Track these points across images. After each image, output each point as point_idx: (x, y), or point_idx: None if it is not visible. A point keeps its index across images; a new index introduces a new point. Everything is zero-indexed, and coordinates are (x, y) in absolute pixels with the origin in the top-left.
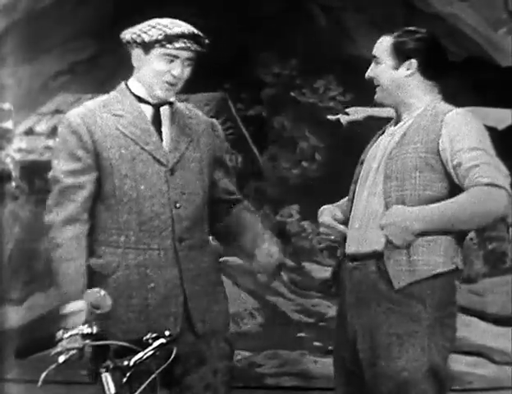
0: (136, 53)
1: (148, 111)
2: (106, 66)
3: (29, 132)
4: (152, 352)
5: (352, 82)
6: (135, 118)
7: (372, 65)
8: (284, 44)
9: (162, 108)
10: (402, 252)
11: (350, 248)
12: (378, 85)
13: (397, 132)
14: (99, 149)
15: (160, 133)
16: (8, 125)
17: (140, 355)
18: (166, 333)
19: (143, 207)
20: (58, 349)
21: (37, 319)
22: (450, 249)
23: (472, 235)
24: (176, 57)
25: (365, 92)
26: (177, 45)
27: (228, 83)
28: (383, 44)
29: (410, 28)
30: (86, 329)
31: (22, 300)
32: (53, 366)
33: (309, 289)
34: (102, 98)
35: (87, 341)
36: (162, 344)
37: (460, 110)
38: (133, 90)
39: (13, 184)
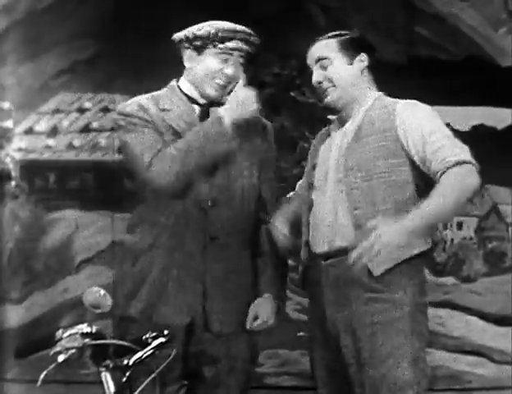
0: (188, 54)
1: (196, 110)
2: (106, 66)
3: (30, 131)
4: (151, 351)
5: None
6: (183, 112)
7: (317, 70)
8: (283, 44)
9: (211, 109)
10: None
11: (321, 247)
12: (330, 87)
13: (349, 130)
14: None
15: None
16: (8, 124)
17: (140, 354)
18: (166, 332)
19: (185, 195)
20: (58, 348)
21: (36, 319)
22: None
23: (471, 234)
24: (229, 56)
25: None
26: (230, 45)
27: None
28: (328, 45)
29: (339, 31)
30: (85, 328)
31: (22, 299)
32: (53, 365)
33: None
34: (153, 94)
35: (86, 341)
36: (161, 343)
37: (408, 100)
38: (183, 89)
39: (13, 183)
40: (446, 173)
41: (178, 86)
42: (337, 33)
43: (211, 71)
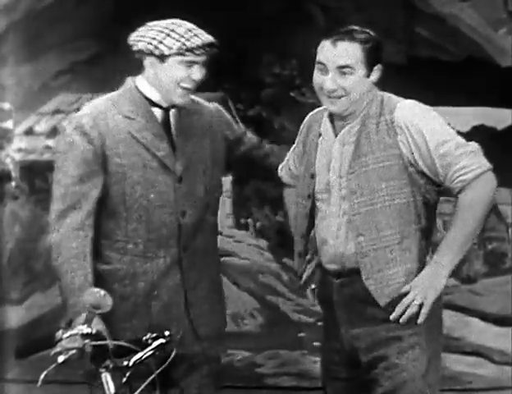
0: (150, 61)
1: (158, 114)
2: (106, 66)
3: (29, 132)
4: (151, 352)
5: None
6: (147, 122)
7: (336, 75)
8: (284, 45)
9: (171, 111)
10: (381, 268)
11: (331, 265)
12: (340, 96)
13: (348, 141)
14: (110, 154)
15: (170, 138)
16: (8, 125)
17: (140, 355)
18: (166, 333)
19: (152, 216)
20: (58, 349)
21: (37, 319)
22: (421, 252)
23: None
24: (195, 62)
25: None
26: (197, 52)
27: (228, 83)
28: (352, 53)
29: (359, 29)
30: (86, 329)
31: (22, 300)
32: (53, 366)
33: None
34: (111, 97)
35: (86, 341)
36: (161, 344)
37: (406, 104)
38: (144, 93)
39: (13, 184)
40: (464, 192)
41: (137, 88)
42: (360, 31)
43: (178, 79)
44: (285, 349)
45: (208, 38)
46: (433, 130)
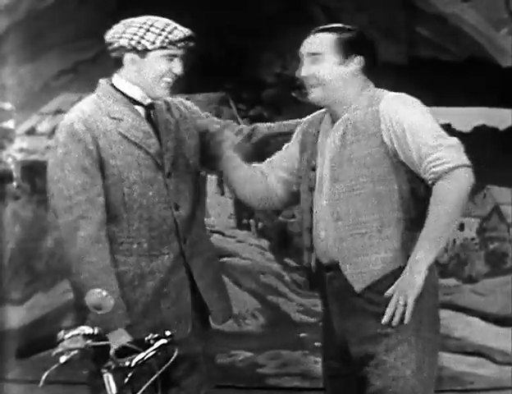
0: (130, 57)
1: (141, 112)
2: (108, 66)
3: (31, 132)
4: (153, 352)
5: None
6: (134, 121)
7: (308, 63)
8: (284, 45)
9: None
10: (358, 253)
11: (322, 258)
12: (315, 85)
13: (337, 132)
14: (104, 157)
15: (156, 134)
16: (9, 125)
17: (142, 355)
18: (168, 334)
19: (152, 213)
20: (59, 349)
21: (38, 319)
22: (405, 242)
23: (473, 235)
24: (175, 56)
25: None
26: (178, 45)
27: (229, 83)
28: (323, 41)
29: (341, 25)
30: (87, 329)
31: (23, 300)
32: (55, 366)
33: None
34: (93, 100)
35: (88, 342)
36: (163, 344)
37: (393, 95)
38: (124, 91)
39: (14, 184)
40: (437, 185)
41: (113, 86)
42: (336, 27)
43: (160, 73)
44: (287, 349)
45: (187, 31)
46: (413, 121)
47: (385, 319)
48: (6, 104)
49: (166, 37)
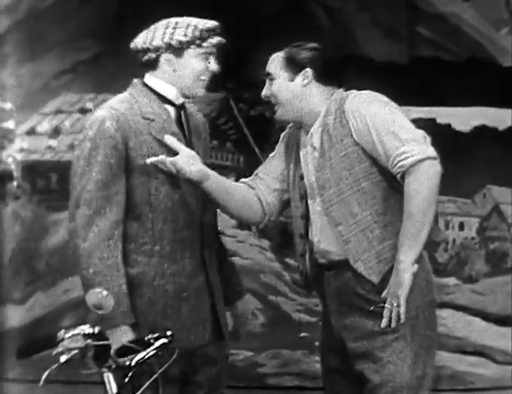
0: (166, 58)
1: (172, 113)
2: (108, 66)
3: (32, 132)
4: (154, 352)
5: (354, 82)
6: (165, 122)
7: (267, 84)
8: (285, 44)
9: (182, 110)
10: (365, 249)
11: (321, 259)
12: (276, 103)
13: (315, 142)
14: (134, 156)
15: (185, 137)
16: (9, 125)
17: (142, 354)
18: (168, 333)
19: (177, 216)
20: (60, 349)
21: (38, 319)
22: None
23: (473, 235)
24: (210, 54)
25: None
26: (213, 42)
27: (230, 83)
28: (275, 60)
29: (299, 43)
30: (88, 329)
31: (24, 299)
32: (55, 366)
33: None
34: (126, 99)
35: (89, 341)
36: (163, 344)
37: (356, 93)
38: (158, 90)
39: (14, 184)
40: (406, 180)
41: (146, 85)
42: (287, 45)
43: (197, 72)
44: (287, 348)
45: (213, 22)
46: (377, 116)
47: (383, 324)
48: (6, 104)
49: (196, 27)
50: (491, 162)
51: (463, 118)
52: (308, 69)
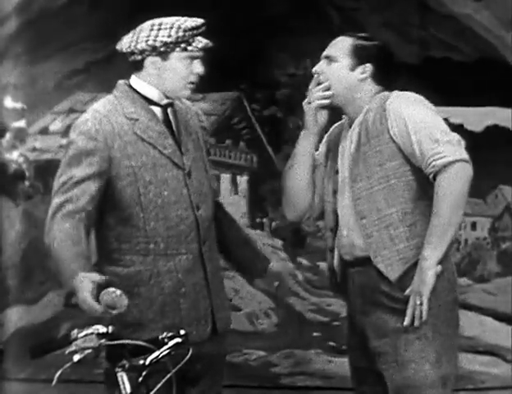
0: (152, 61)
1: (158, 112)
2: (121, 66)
3: (44, 131)
4: (167, 351)
5: None
6: (150, 121)
7: (323, 62)
8: (298, 45)
9: (168, 109)
10: (386, 245)
11: (346, 255)
12: (321, 82)
13: (353, 136)
14: (119, 157)
15: (173, 135)
16: (22, 124)
17: (156, 354)
18: (182, 332)
19: (168, 213)
20: (73, 348)
21: (51, 318)
22: None
23: (485, 235)
24: (196, 57)
25: None
26: (199, 46)
27: (243, 83)
28: (342, 44)
29: (366, 35)
30: (101, 328)
31: (36, 299)
32: (68, 365)
33: (324, 288)
34: (109, 101)
35: (102, 341)
36: (177, 343)
37: (399, 93)
38: (142, 92)
39: (27, 183)
40: (437, 180)
41: (130, 87)
42: (358, 34)
43: (183, 76)
44: (300, 348)
45: (197, 19)
46: (416, 117)
47: (406, 322)
48: (18, 104)
49: (179, 27)
50: (503, 163)
51: (474, 118)
52: (369, 64)
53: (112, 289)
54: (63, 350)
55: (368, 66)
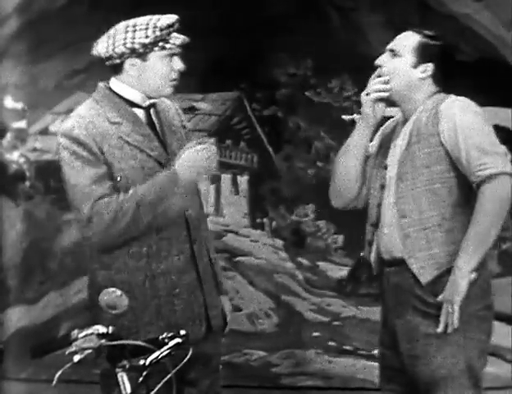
0: (131, 63)
1: (141, 115)
2: None
3: (44, 132)
4: (168, 351)
5: (367, 82)
6: (133, 124)
7: (386, 55)
8: (298, 44)
9: (151, 110)
10: (422, 247)
11: (384, 254)
12: (382, 74)
13: (405, 134)
14: (111, 160)
15: (157, 136)
16: (22, 124)
17: (156, 354)
18: (182, 333)
19: (157, 215)
20: (73, 348)
21: (52, 319)
22: None
23: None
24: (174, 54)
25: None
26: (177, 42)
27: (243, 83)
28: (407, 40)
29: (433, 33)
30: (102, 329)
31: (37, 299)
32: (68, 365)
33: (324, 288)
34: (91, 105)
35: (102, 341)
36: (177, 343)
37: (454, 98)
38: (123, 95)
39: (27, 183)
40: (480, 190)
41: (112, 91)
42: (426, 32)
43: (164, 74)
44: (301, 348)
45: (172, 16)
46: (468, 124)
47: (439, 329)
48: (18, 104)
49: (155, 26)
50: None
51: None
52: (431, 64)
53: (111, 289)
54: (63, 350)
55: (430, 66)
